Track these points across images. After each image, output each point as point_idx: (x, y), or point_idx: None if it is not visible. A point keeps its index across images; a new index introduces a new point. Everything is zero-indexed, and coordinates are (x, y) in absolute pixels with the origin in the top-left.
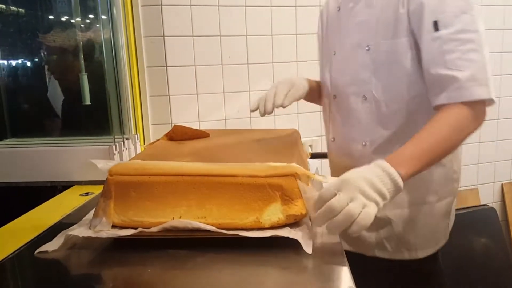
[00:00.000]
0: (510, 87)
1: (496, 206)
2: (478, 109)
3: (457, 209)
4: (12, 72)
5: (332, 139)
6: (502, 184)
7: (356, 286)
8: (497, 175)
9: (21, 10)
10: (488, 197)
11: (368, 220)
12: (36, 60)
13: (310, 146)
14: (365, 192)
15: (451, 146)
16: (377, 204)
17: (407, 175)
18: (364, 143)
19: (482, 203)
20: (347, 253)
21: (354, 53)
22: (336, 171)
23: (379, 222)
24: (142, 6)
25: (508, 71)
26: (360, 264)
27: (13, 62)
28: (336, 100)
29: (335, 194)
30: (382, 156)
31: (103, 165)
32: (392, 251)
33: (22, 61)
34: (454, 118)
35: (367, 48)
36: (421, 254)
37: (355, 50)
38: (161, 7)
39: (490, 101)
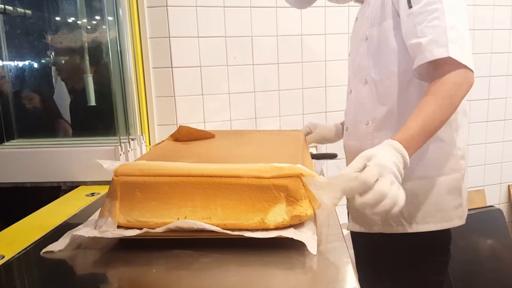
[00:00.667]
0: None
1: (503, 207)
2: (453, 64)
3: None
4: (19, 73)
5: (346, 129)
6: (508, 186)
7: (363, 266)
8: (503, 176)
9: (28, 11)
10: (495, 198)
11: (403, 200)
12: (43, 61)
13: (315, 147)
14: (396, 176)
15: (442, 115)
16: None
17: (412, 154)
18: (367, 122)
19: (488, 204)
20: (353, 234)
21: (359, 46)
22: (349, 159)
23: None
24: (148, 7)
25: None
26: (367, 243)
27: (20, 64)
28: (351, 94)
29: (377, 179)
30: (381, 132)
31: (109, 166)
32: (395, 225)
33: (29, 62)
34: (437, 88)
35: (365, 38)
36: (423, 227)
37: (359, 43)
38: (166, 8)
39: (456, 63)
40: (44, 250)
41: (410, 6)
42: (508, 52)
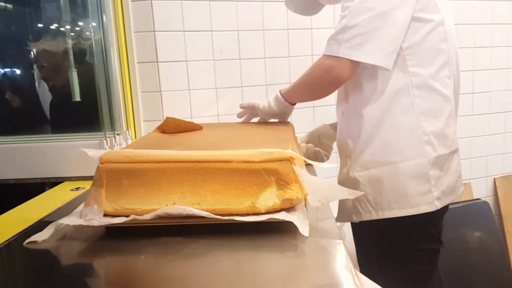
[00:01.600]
0: (499, 82)
1: (489, 200)
2: (339, 62)
3: (450, 204)
4: None
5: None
6: (494, 179)
7: (360, 256)
8: (489, 169)
9: (9, 5)
10: (481, 192)
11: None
12: (25, 57)
13: None
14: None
15: (307, 86)
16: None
17: (292, 100)
18: (342, 113)
19: (475, 197)
20: (352, 225)
21: None
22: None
23: (350, 185)
24: (132, 1)
25: (498, 65)
26: (356, 233)
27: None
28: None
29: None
30: (350, 120)
31: (94, 153)
32: (363, 213)
33: (10, 58)
34: (314, 65)
35: None
36: (389, 214)
37: None
38: (151, 2)
39: (351, 61)
40: (27, 241)
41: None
42: (491, 47)
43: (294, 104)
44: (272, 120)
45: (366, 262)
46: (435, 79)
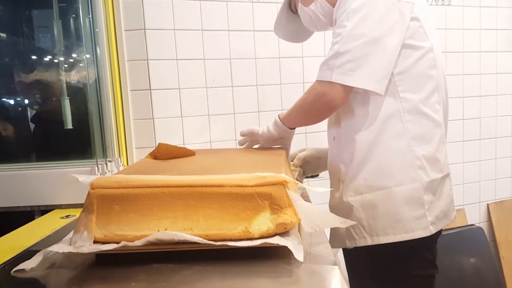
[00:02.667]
0: (489, 108)
1: (483, 226)
2: (333, 88)
3: (444, 230)
4: None
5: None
6: (487, 204)
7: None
8: (482, 195)
9: (2, 34)
10: (475, 217)
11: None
12: (17, 85)
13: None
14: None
15: (303, 111)
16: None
17: (290, 125)
18: (333, 137)
19: (469, 223)
20: (343, 250)
21: None
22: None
23: (344, 210)
24: (125, 30)
25: (487, 92)
26: (349, 259)
27: None
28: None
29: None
30: (342, 144)
31: (85, 179)
32: (358, 239)
33: (2, 87)
34: (308, 90)
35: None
36: (384, 239)
37: None
38: (144, 31)
39: (343, 87)
40: (15, 269)
41: (334, 24)
42: (479, 74)
43: (294, 128)
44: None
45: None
46: (425, 104)
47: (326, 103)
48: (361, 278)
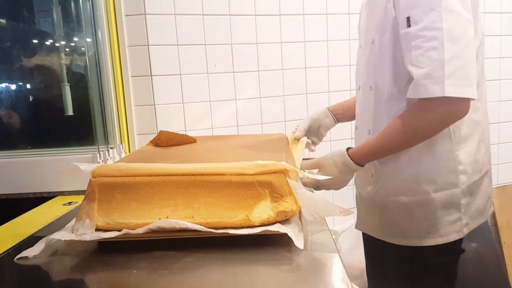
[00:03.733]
0: (493, 93)
1: None
2: (447, 102)
3: None
4: None
5: (355, 128)
6: None
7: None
8: None
9: (2, 20)
10: None
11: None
12: (18, 71)
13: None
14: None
15: (408, 143)
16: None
17: (361, 163)
18: (368, 131)
19: None
20: (363, 235)
21: (366, 46)
22: None
23: (380, 207)
24: (126, 15)
25: (491, 77)
26: (374, 247)
27: None
28: (360, 91)
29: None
30: None
31: (86, 167)
32: (390, 235)
33: (3, 73)
34: (408, 115)
35: (371, 41)
36: (418, 243)
37: (367, 43)
38: (145, 16)
39: (450, 98)
40: (18, 256)
41: (408, 25)
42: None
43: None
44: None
45: (377, 276)
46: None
47: (445, 121)
48: (380, 267)
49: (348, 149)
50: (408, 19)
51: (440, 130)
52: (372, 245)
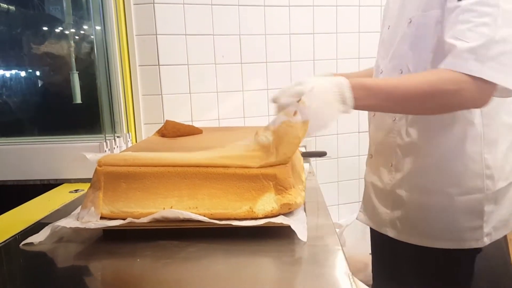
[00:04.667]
0: None
1: None
2: (475, 84)
3: None
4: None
5: (373, 115)
6: None
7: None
8: None
9: (12, 7)
10: None
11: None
12: (27, 58)
13: (304, 146)
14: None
15: (420, 103)
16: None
17: (361, 108)
18: (394, 118)
19: None
20: (371, 230)
21: (399, 26)
22: (372, 146)
23: (395, 201)
24: (134, 4)
25: None
26: (380, 242)
27: (2, 62)
28: (382, 75)
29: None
30: (410, 129)
31: (92, 156)
32: (402, 232)
33: (12, 60)
34: (430, 76)
35: (409, 21)
36: (432, 243)
37: (400, 23)
38: (153, 5)
39: (491, 84)
40: (23, 242)
41: None
42: None
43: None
44: None
45: (383, 273)
46: (502, 104)
47: (462, 102)
48: (388, 264)
49: None
50: None
51: (452, 110)
52: (381, 242)
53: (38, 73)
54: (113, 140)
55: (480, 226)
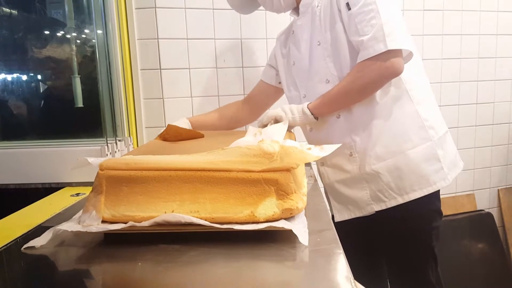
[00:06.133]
0: (503, 92)
1: (493, 211)
2: (382, 59)
3: (453, 214)
4: (3, 76)
5: (310, 129)
6: (498, 190)
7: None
8: (493, 180)
9: (14, 11)
10: (484, 203)
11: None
12: (29, 62)
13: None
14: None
15: (353, 93)
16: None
17: (320, 114)
18: (338, 115)
19: (478, 208)
20: (350, 222)
21: (305, 54)
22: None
23: (368, 178)
24: (136, 8)
25: (503, 76)
26: (367, 228)
27: (5, 66)
28: (306, 98)
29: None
30: (356, 121)
31: (94, 160)
32: (388, 200)
33: (14, 64)
34: (353, 72)
35: (318, 43)
36: (413, 195)
37: (304, 52)
38: (155, 9)
39: (396, 52)
40: (25, 246)
41: (349, 9)
42: (495, 57)
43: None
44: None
45: (369, 256)
46: (416, 69)
47: (393, 73)
48: (371, 244)
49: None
50: (347, 4)
51: (383, 83)
52: (367, 227)
53: (40, 77)
54: (115, 144)
55: (441, 167)
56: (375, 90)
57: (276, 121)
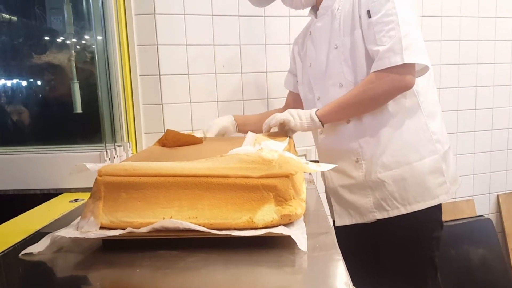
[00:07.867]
0: (502, 98)
1: (492, 217)
2: (396, 71)
3: (453, 220)
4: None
5: (320, 132)
6: (497, 195)
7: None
8: (492, 186)
9: (13, 17)
10: (484, 208)
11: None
12: (28, 68)
13: (305, 155)
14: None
15: (363, 103)
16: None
17: (327, 122)
18: (348, 121)
19: (478, 214)
20: (351, 228)
21: (322, 56)
22: (323, 158)
23: (373, 185)
24: (135, 15)
25: (501, 82)
26: (367, 235)
27: (4, 72)
28: (320, 100)
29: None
30: (365, 128)
31: (93, 166)
32: (391, 210)
33: (13, 70)
34: (366, 81)
35: (335, 47)
36: (416, 207)
37: (326, 51)
38: (154, 16)
39: (411, 66)
40: (23, 252)
41: (369, 16)
42: (494, 63)
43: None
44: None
45: (369, 262)
46: (428, 83)
47: (404, 87)
48: (370, 252)
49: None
50: (368, 12)
51: (393, 96)
52: (350, 236)
53: (39, 82)
54: (114, 150)
55: (444, 181)
56: (385, 102)
57: (283, 125)
